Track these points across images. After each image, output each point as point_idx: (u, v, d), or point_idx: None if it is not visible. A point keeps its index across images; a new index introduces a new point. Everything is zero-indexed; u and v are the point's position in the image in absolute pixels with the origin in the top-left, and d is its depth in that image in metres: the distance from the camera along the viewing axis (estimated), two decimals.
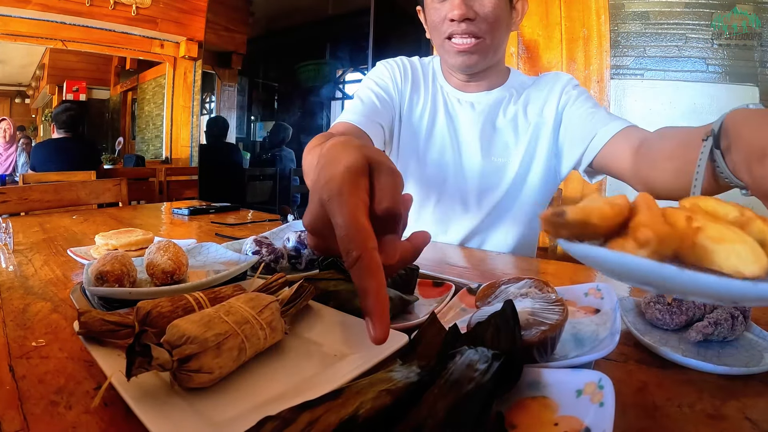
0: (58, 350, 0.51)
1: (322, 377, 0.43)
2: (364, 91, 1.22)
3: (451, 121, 1.20)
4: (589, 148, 1.02)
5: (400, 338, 0.46)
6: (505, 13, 1.06)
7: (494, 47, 1.09)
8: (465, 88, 1.20)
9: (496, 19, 1.03)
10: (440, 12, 1.06)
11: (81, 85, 7.94)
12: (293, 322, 0.53)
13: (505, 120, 1.16)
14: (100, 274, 0.59)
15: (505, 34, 1.10)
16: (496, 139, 1.16)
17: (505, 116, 1.16)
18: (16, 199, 1.73)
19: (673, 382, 0.47)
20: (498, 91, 1.18)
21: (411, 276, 0.69)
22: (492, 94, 1.18)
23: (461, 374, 0.34)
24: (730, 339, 0.55)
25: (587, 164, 1.04)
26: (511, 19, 1.09)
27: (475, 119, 1.17)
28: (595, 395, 0.33)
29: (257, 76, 6.77)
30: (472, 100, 1.19)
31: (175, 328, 0.40)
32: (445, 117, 1.20)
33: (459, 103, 1.20)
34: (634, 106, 2.25)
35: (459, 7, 1.00)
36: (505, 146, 1.15)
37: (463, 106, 1.19)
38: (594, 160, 1.02)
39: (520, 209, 1.16)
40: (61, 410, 0.40)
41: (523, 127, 1.15)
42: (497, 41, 1.08)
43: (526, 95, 1.17)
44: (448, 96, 1.21)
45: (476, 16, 1.02)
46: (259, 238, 0.79)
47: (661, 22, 2.18)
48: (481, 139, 1.16)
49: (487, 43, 1.06)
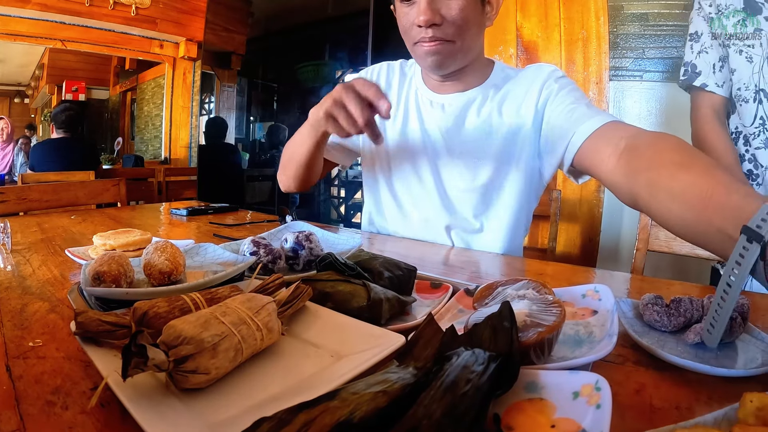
0: (55, 350, 0.51)
1: (318, 378, 0.43)
2: None
3: (422, 124, 1.20)
4: (569, 146, 0.98)
5: (396, 339, 0.46)
6: (475, 12, 1.04)
7: (464, 49, 1.07)
8: (440, 89, 1.19)
9: (464, 22, 1.02)
10: (408, 17, 1.05)
11: (80, 85, 7.93)
12: (290, 323, 0.53)
13: (477, 120, 1.14)
14: (97, 275, 0.59)
15: (477, 33, 1.09)
16: (466, 139, 1.15)
17: (478, 116, 1.14)
18: (14, 198, 1.73)
19: (670, 384, 0.47)
20: (472, 91, 1.16)
21: (409, 277, 0.69)
22: (465, 95, 1.16)
23: (458, 376, 0.34)
24: (728, 341, 0.55)
25: (569, 164, 1.01)
26: (483, 16, 1.08)
27: (444, 120, 1.17)
28: (592, 397, 0.33)
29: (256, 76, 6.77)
30: (443, 102, 1.18)
31: (172, 329, 0.40)
32: (417, 119, 1.21)
33: (430, 105, 1.20)
34: (633, 107, 2.25)
35: (425, 13, 0.99)
36: (475, 146, 1.14)
37: (434, 108, 1.19)
38: (574, 160, 0.98)
39: (502, 211, 1.14)
40: (57, 410, 0.40)
41: (497, 126, 1.12)
42: (467, 43, 1.07)
43: (505, 91, 1.14)
44: (420, 98, 1.22)
45: (443, 20, 1.01)
46: (257, 238, 0.79)
47: (660, 23, 2.18)
48: (450, 139, 1.16)
49: (456, 46, 1.05)
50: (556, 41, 2.37)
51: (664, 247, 1.22)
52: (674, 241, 1.21)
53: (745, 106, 1.29)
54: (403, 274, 0.68)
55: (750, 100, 1.27)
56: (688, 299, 0.59)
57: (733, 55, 1.29)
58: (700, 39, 1.34)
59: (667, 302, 0.60)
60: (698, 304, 0.59)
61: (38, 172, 3.33)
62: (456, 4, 1.00)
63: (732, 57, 1.29)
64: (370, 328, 0.50)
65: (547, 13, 2.38)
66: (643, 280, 0.93)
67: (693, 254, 1.20)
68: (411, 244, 1.15)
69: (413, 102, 1.23)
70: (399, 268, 0.69)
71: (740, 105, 1.31)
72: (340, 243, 0.93)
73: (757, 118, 1.27)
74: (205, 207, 1.62)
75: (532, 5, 2.41)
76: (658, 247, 1.22)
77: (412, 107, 1.22)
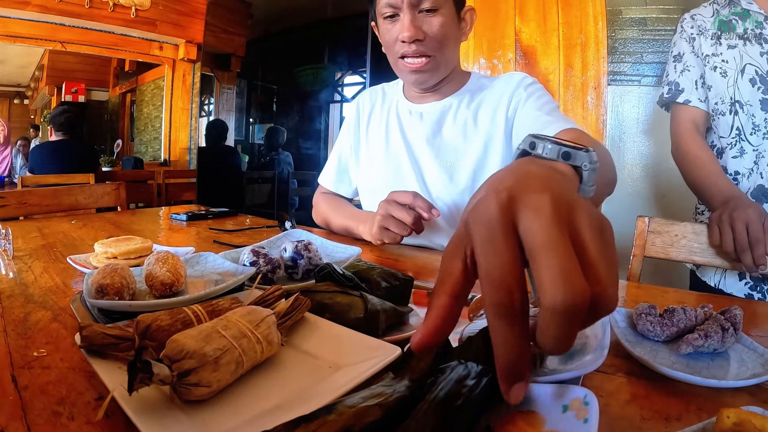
0: (60, 360, 0.52)
1: (316, 389, 0.44)
2: (337, 145, 1.48)
3: (403, 133, 1.27)
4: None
5: (392, 350, 0.47)
6: (453, 28, 1.11)
7: (445, 62, 1.14)
8: (419, 100, 1.27)
9: (445, 37, 1.09)
10: (392, 33, 1.11)
11: (80, 86, 7.92)
12: (289, 334, 0.54)
13: (454, 125, 1.20)
14: (101, 287, 0.60)
15: (455, 47, 1.16)
16: (444, 142, 1.21)
17: (455, 122, 1.20)
18: (15, 203, 1.74)
19: (661, 395, 0.48)
20: (448, 99, 1.23)
21: (405, 287, 0.70)
22: (441, 103, 1.23)
23: (451, 389, 0.35)
24: (720, 351, 0.56)
25: None
26: (459, 31, 1.15)
27: (423, 128, 1.23)
28: (580, 411, 0.34)
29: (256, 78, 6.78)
30: (422, 110, 1.26)
31: (175, 343, 0.41)
32: (398, 130, 1.28)
33: (410, 115, 1.27)
34: (631, 111, 2.26)
35: (408, 29, 1.06)
36: (454, 150, 1.19)
37: (413, 117, 1.26)
38: None
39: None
40: (63, 421, 0.41)
41: (471, 132, 1.18)
42: (447, 56, 1.14)
43: (480, 99, 1.21)
44: (400, 109, 1.30)
45: (425, 36, 1.07)
46: (256, 248, 0.80)
47: (658, 28, 2.19)
48: (429, 143, 1.21)
49: (438, 61, 1.12)
50: (554, 46, 2.38)
51: (660, 253, 1.23)
52: (671, 248, 1.22)
53: (721, 118, 1.34)
54: (401, 284, 0.69)
55: (726, 113, 1.32)
56: (681, 309, 0.60)
57: (708, 72, 1.34)
58: (683, 59, 1.39)
59: (661, 311, 0.61)
60: (691, 314, 0.60)
61: (37, 174, 3.34)
62: (437, 21, 1.07)
63: (708, 74, 1.34)
64: (367, 340, 0.51)
65: (546, 17, 2.40)
66: (639, 288, 0.94)
67: (689, 260, 1.21)
68: (409, 251, 1.16)
69: (394, 114, 1.31)
70: (396, 279, 0.70)
71: (717, 119, 1.36)
72: (339, 252, 0.94)
73: (733, 129, 1.31)
74: (205, 212, 1.63)
75: (530, 10, 2.42)
76: (654, 253, 1.23)
77: (393, 119, 1.30)
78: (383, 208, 1.05)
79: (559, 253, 0.29)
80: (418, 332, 0.35)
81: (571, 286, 0.28)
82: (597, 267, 0.30)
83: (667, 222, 1.23)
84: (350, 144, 1.42)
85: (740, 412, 0.34)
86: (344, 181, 1.46)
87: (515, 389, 0.32)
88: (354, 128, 1.41)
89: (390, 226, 1.04)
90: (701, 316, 0.60)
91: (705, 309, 0.61)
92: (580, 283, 0.28)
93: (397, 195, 1.04)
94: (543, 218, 0.30)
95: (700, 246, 1.19)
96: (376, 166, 1.33)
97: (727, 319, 0.57)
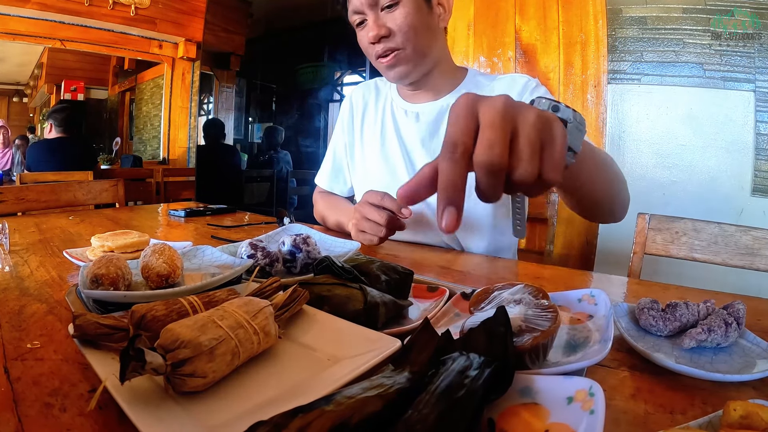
0: (53, 352, 0.51)
1: (315, 382, 0.43)
2: (331, 144, 1.46)
3: (399, 133, 1.25)
4: None
5: (392, 343, 0.47)
6: (421, 16, 1.08)
7: (420, 52, 1.11)
8: (413, 99, 1.25)
9: (410, 28, 1.07)
10: (363, 40, 1.12)
11: (79, 84, 7.91)
12: (287, 327, 0.53)
13: None
14: (95, 277, 0.59)
15: (428, 37, 1.12)
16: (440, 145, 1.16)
17: None
18: (13, 199, 1.73)
19: (665, 389, 0.47)
20: (445, 98, 1.20)
21: (405, 280, 0.69)
22: (437, 104, 1.20)
23: (452, 381, 0.34)
24: (723, 345, 0.55)
25: None
26: (433, 18, 1.12)
27: (419, 129, 1.21)
28: (585, 403, 0.33)
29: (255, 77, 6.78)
30: (417, 111, 1.23)
31: (169, 333, 0.40)
32: (394, 130, 1.26)
33: (405, 115, 1.25)
34: (631, 110, 2.26)
35: (372, 29, 1.07)
36: None
37: (408, 118, 1.24)
38: None
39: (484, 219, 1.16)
40: (55, 412, 0.40)
41: None
42: (419, 47, 1.11)
43: None
44: (396, 109, 1.28)
45: (390, 32, 1.07)
46: (254, 241, 0.79)
47: (658, 27, 2.18)
48: (425, 146, 1.19)
49: (407, 53, 1.10)
50: (554, 44, 2.38)
51: (661, 250, 1.22)
52: (671, 245, 1.22)
53: None
54: (400, 277, 0.68)
55: None
56: (683, 304, 0.59)
57: None
58: None
59: (663, 307, 0.60)
60: (694, 309, 0.59)
61: (35, 172, 3.32)
62: (399, 13, 1.06)
63: None
64: (367, 332, 0.50)
65: (546, 16, 2.39)
66: (640, 284, 0.93)
67: (690, 258, 1.20)
68: (408, 247, 1.15)
69: (389, 113, 1.29)
70: (396, 272, 0.69)
71: None
72: (338, 246, 0.94)
73: None
74: (203, 208, 1.62)
75: (530, 8, 2.42)
76: (655, 250, 1.23)
77: (389, 119, 1.28)
78: (357, 211, 1.07)
79: (493, 130, 0.40)
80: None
81: (490, 152, 0.40)
82: (519, 147, 0.41)
83: (668, 219, 1.22)
84: (344, 142, 1.41)
85: (747, 405, 0.33)
86: (339, 180, 1.45)
87: (448, 213, 0.40)
88: (348, 126, 1.40)
89: (365, 228, 1.05)
90: (704, 311, 0.59)
91: (707, 304, 0.61)
92: (499, 152, 0.40)
93: (368, 196, 1.05)
94: (492, 108, 0.41)
95: (701, 243, 1.18)
96: (371, 167, 1.31)
97: (730, 314, 0.57)
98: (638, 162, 2.24)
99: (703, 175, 2.10)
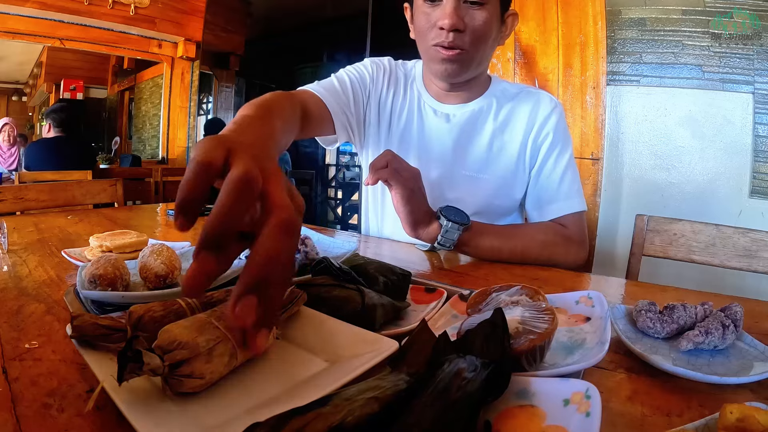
0: (51, 352, 0.51)
1: (312, 383, 0.43)
2: (342, 74, 1.23)
3: (425, 131, 1.20)
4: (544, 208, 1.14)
5: (390, 345, 0.47)
6: (494, 28, 1.05)
7: (478, 60, 1.08)
8: (443, 98, 1.20)
9: (484, 34, 1.03)
10: (430, 18, 1.04)
11: (78, 83, 7.90)
12: (285, 328, 0.53)
13: (480, 136, 1.16)
14: (93, 278, 0.59)
15: (491, 48, 1.09)
16: (470, 152, 1.17)
17: (482, 133, 1.16)
18: (11, 198, 1.73)
19: (662, 391, 0.47)
20: (475, 102, 1.18)
21: (403, 282, 0.69)
22: (469, 107, 1.17)
23: (449, 382, 0.34)
24: (721, 348, 0.55)
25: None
26: (499, 33, 1.09)
27: (449, 131, 1.17)
28: (581, 405, 0.34)
29: (255, 77, 6.77)
30: (448, 112, 1.19)
31: (167, 334, 0.40)
32: (420, 125, 1.20)
33: (435, 115, 1.19)
34: (630, 112, 2.26)
35: (450, 17, 0.98)
36: (479, 161, 1.16)
37: (438, 118, 1.19)
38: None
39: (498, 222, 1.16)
40: (53, 413, 0.40)
41: (497, 148, 1.16)
42: (481, 55, 1.07)
43: (507, 113, 1.17)
44: (425, 105, 1.21)
45: (465, 27, 1.01)
46: None
47: (657, 28, 2.18)
48: (455, 150, 1.17)
49: (471, 56, 1.05)
50: (553, 45, 2.38)
51: (659, 252, 1.23)
52: (669, 246, 1.22)
53: None
54: (398, 279, 0.68)
55: None
56: (681, 306, 0.59)
57: None
58: None
59: (661, 309, 0.60)
60: (691, 311, 0.59)
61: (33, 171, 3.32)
62: (481, 15, 1.01)
63: None
64: (364, 334, 0.50)
65: (545, 17, 2.39)
66: (638, 286, 0.93)
67: (688, 259, 1.20)
68: (406, 248, 1.15)
69: (416, 108, 1.22)
70: (394, 273, 0.69)
71: None
72: (336, 247, 0.94)
73: None
74: (203, 208, 1.62)
75: (530, 9, 2.42)
76: (653, 252, 1.23)
77: (415, 113, 1.22)
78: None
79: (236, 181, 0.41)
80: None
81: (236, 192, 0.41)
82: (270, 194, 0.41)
83: (666, 220, 1.22)
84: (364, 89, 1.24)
85: (743, 408, 0.33)
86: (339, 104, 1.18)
87: (180, 219, 0.43)
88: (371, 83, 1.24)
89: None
90: (701, 313, 0.59)
91: (705, 306, 0.61)
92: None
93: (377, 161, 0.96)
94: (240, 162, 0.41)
95: (699, 245, 1.18)
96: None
97: (728, 316, 0.57)
98: (637, 163, 2.24)
99: (701, 176, 2.10)
